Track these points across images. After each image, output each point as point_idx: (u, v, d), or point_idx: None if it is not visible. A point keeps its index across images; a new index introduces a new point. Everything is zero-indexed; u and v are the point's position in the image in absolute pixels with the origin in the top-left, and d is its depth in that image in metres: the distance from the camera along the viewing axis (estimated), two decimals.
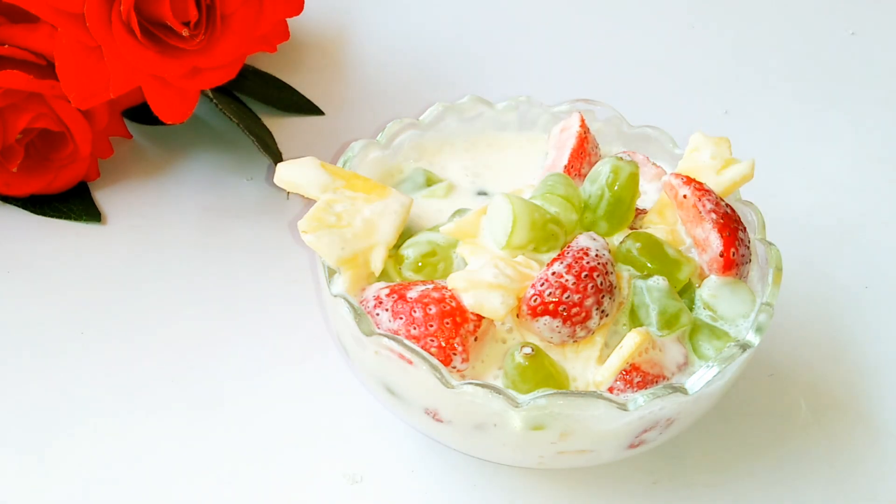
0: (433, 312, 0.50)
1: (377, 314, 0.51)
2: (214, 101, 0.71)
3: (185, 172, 0.73)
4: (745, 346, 0.51)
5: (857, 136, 0.79)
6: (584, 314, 0.50)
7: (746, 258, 0.54)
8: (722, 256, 0.53)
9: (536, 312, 0.50)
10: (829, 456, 0.60)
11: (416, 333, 0.50)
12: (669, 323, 0.51)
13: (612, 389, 0.50)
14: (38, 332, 0.63)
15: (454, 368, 0.50)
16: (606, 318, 0.51)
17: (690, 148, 0.58)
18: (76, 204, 0.70)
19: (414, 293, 0.51)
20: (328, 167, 0.54)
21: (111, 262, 0.68)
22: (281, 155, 0.72)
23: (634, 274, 0.53)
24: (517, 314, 0.51)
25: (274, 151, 0.72)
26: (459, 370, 0.50)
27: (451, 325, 0.50)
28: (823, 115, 0.81)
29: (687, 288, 0.54)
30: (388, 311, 0.51)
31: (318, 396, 0.61)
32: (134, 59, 0.62)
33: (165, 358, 0.62)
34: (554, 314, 0.50)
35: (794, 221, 0.72)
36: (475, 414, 0.50)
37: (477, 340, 0.50)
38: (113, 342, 0.63)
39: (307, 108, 0.78)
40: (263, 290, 0.66)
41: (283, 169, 0.54)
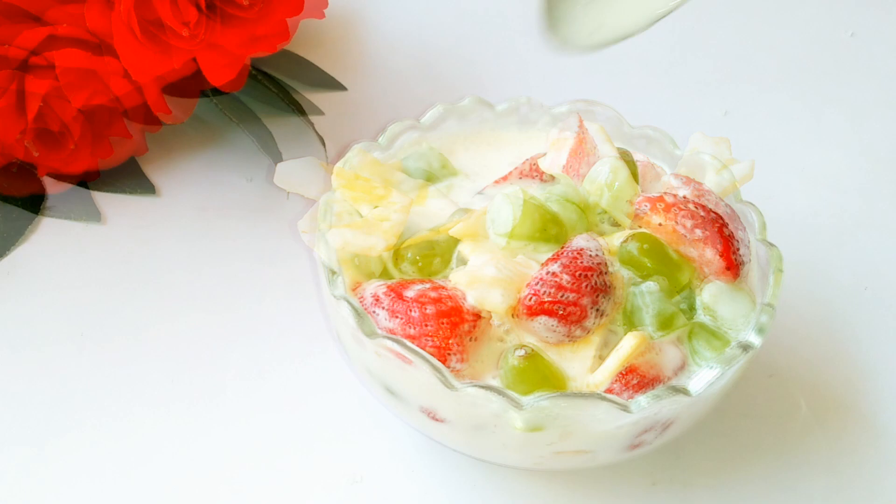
0: (430, 312, 0.50)
1: (375, 312, 0.51)
2: (214, 101, 0.71)
3: (185, 172, 0.74)
4: (746, 346, 0.51)
5: (856, 136, 0.79)
6: (580, 313, 0.50)
7: (746, 257, 0.54)
8: (723, 258, 0.53)
9: (533, 312, 0.50)
10: (829, 456, 0.60)
11: (412, 333, 0.50)
12: (666, 324, 0.51)
13: (609, 391, 0.50)
14: (38, 332, 0.64)
15: (451, 369, 0.50)
16: (603, 317, 0.51)
17: (690, 148, 0.58)
18: (76, 204, 0.70)
19: (411, 292, 0.51)
20: (329, 168, 0.54)
21: (111, 262, 0.68)
22: (281, 155, 0.72)
23: (635, 279, 0.53)
24: (514, 314, 0.51)
25: (274, 151, 0.72)
26: (457, 370, 0.50)
27: (447, 325, 0.50)
28: (823, 115, 0.81)
29: (687, 290, 0.54)
30: (385, 309, 0.51)
31: (318, 396, 0.61)
32: (199, 30, 0.64)
33: (165, 358, 0.63)
34: (551, 313, 0.50)
35: (794, 222, 0.72)
36: (475, 415, 0.50)
37: (475, 340, 0.50)
38: (113, 342, 0.63)
39: (314, 103, 0.78)
40: (263, 289, 0.66)
41: (283, 169, 0.54)
